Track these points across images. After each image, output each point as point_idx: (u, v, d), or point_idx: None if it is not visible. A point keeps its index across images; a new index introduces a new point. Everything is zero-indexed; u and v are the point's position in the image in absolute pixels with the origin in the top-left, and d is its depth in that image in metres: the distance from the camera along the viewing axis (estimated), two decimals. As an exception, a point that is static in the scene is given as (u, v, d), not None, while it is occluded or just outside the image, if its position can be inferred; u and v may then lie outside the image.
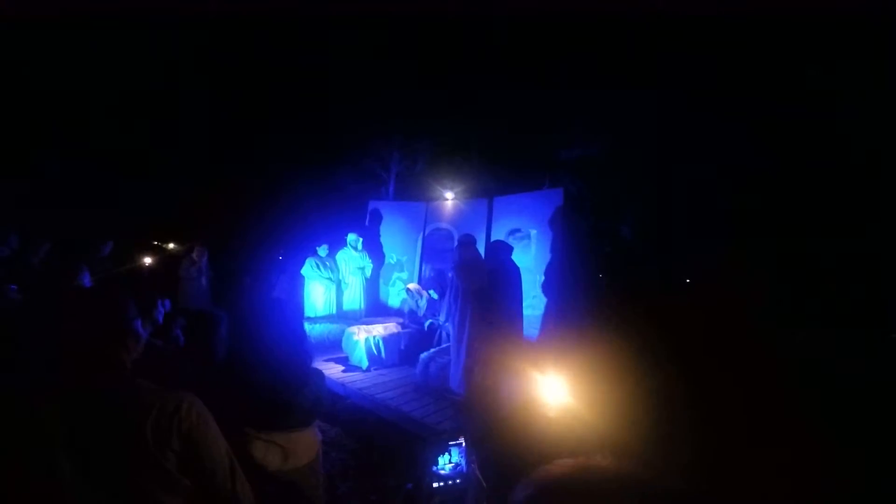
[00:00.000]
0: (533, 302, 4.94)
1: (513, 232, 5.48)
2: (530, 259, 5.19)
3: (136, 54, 7.50)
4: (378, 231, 6.91)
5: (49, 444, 1.00)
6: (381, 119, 7.40)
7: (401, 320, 5.49)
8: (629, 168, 6.64)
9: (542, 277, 5.00)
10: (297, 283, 6.16)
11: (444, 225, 6.40)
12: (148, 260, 8.10)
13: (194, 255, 6.98)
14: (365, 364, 4.72)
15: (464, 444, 0.79)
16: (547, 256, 5.05)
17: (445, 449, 0.78)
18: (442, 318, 4.47)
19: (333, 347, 5.20)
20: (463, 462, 0.79)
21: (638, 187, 6.69)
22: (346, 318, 5.90)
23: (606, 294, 4.98)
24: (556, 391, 1.50)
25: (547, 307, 4.88)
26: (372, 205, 7.15)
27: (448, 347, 4.21)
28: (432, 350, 4.48)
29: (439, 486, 0.76)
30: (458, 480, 0.77)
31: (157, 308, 1.88)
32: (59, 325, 1.12)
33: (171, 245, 12.34)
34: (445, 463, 0.78)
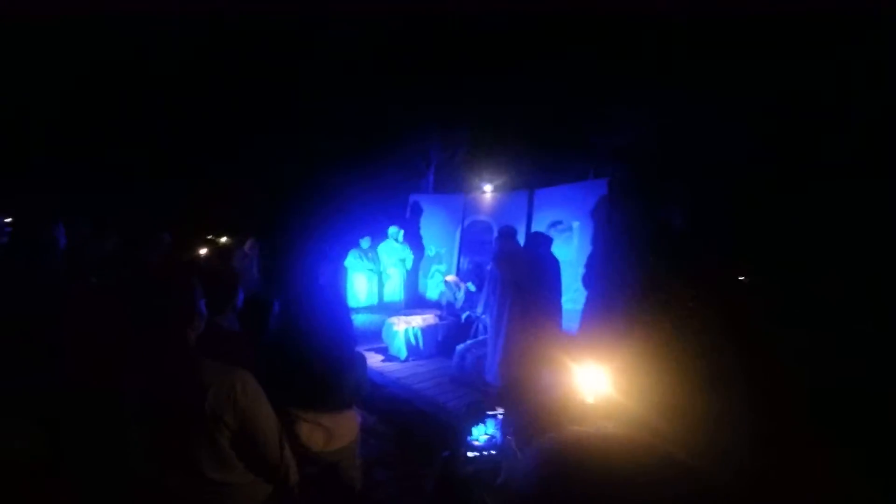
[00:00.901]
0: (574, 296, 4.84)
1: (554, 224, 5.38)
2: (573, 251, 5.07)
3: (194, 48, 7.94)
4: (418, 223, 7.00)
5: (123, 419, 1.08)
6: (420, 109, 7.45)
7: (439, 312, 5.54)
8: (680, 153, 6.30)
9: (584, 270, 4.88)
10: (341, 272, 6.36)
11: (482, 217, 6.38)
12: (203, 252, 8.68)
13: (246, 247, 7.39)
14: (403, 354, 4.81)
15: (500, 416, 0.81)
16: (589, 248, 4.92)
17: (481, 420, 0.80)
18: (479, 310, 4.48)
19: (374, 337, 5.32)
20: (498, 434, 0.80)
21: (690, 173, 6.34)
22: (387, 308, 6.03)
23: (657, 279, 4.78)
24: (595, 381, 1.47)
25: (588, 299, 4.76)
26: (412, 198, 7.25)
27: (485, 339, 4.22)
28: (469, 342, 4.50)
29: (475, 455, 0.78)
30: (492, 451, 0.78)
31: (237, 294, 2.01)
32: (134, 305, 1.22)
33: (224, 238, 13.13)
34: (480, 434, 0.80)
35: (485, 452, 0.79)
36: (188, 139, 9.97)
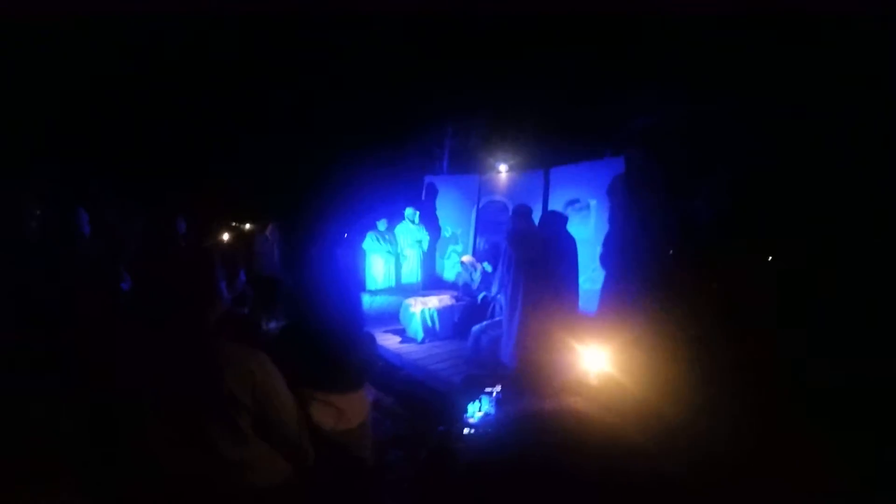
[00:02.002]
0: (592, 275, 4.75)
1: (571, 203, 5.26)
2: (590, 230, 4.97)
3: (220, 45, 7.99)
4: (434, 205, 6.98)
5: (140, 400, 1.09)
6: (432, 96, 7.35)
7: (455, 293, 5.54)
8: (703, 137, 5.99)
9: (602, 249, 4.78)
10: (355, 254, 6.42)
11: (498, 197, 6.31)
12: (226, 236, 8.94)
13: (267, 232, 7.57)
14: (420, 336, 4.84)
15: (495, 394, 0.79)
16: (607, 227, 4.81)
17: (476, 398, 0.78)
18: (494, 290, 4.44)
19: (392, 319, 5.35)
20: (493, 411, 0.78)
21: (713, 159, 6.02)
22: (404, 290, 6.07)
23: (675, 266, 4.63)
24: (597, 362, 1.46)
25: (605, 280, 4.68)
26: (427, 179, 7.22)
27: (500, 321, 4.19)
28: (484, 323, 4.49)
29: (469, 431, 0.77)
30: (488, 428, 0.77)
31: (238, 276, 2.05)
32: (157, 285, 1.21)
33: (247, 225, 13.47)
34: (475, 412, 0.78)
35: (480, 429, 0.78)
36: (208, 130, 10.16)
